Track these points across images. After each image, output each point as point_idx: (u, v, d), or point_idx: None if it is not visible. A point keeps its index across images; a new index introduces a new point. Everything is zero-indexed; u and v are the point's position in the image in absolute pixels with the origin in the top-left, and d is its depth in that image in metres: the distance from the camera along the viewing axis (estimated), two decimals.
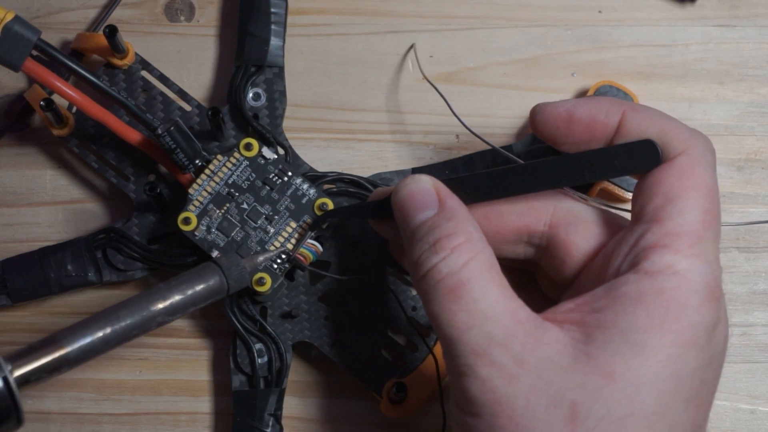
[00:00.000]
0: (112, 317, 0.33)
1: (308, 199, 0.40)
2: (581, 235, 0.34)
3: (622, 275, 0.31)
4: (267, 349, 0.40)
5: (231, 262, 0.36)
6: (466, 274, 0.31)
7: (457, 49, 0.45)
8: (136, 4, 0.46)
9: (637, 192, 0.33)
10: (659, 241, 0.31)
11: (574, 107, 0.34)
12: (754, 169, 0.44)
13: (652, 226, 0.31)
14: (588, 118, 0.34)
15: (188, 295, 0.35)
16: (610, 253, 0.32)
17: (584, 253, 0.34)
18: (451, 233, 0.32)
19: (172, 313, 0.35)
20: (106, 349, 0.33)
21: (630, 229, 0.32)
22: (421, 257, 0.32)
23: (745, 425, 0.42)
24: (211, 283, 0.35)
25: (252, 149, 0.40)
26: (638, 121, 0.33)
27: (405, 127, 0.45)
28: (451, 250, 0.32)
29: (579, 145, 0.34)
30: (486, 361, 0.30)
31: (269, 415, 0.40)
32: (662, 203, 0.31)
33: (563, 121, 0.34)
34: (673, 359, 0.29)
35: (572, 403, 0.29)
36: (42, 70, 0.38)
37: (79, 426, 0.42)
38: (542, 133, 0.35)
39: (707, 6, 0.46)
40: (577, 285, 0.34)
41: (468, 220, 0.33)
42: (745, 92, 0.45)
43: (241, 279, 0.36)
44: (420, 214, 0.33)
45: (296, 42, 0.45)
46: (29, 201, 0.44)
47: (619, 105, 0.33)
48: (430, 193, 0.34)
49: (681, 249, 0.30)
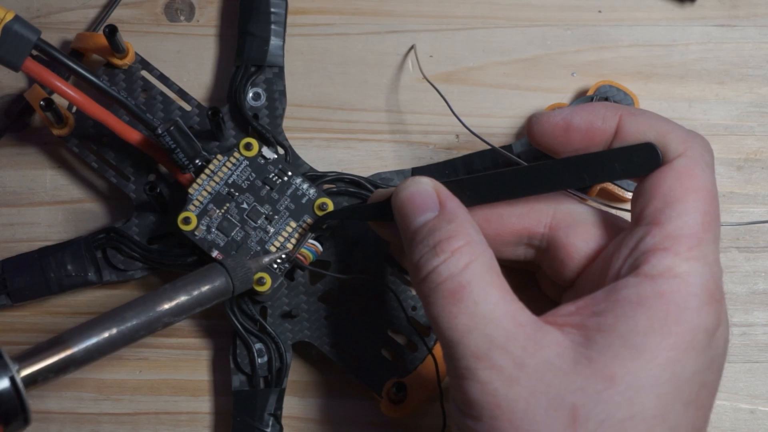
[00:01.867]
0: (118, 318, 0.34)
1: (308, 199, 0.40)
2: (581, 237, 0.34)
3: (622, 278, 0.31)
4: (267, 349, 0.40)
5: (237, 263, 0.36)
6: (466, 277, 0.31)
7: (457, 49, 0.45)
8: (136, 4, 0.46)
9: (637, 194, 0.33)
10: (659, 244, 0.30)
11: (571, 115, 0.34)
12: (753, 169, 0.44)
13: (652, 228, 0.31)
14: (586, 126, 0.33)
15: (194, 296, 0.35)
16: (610, 255, 0.32)
17: (584, 255, 0.34)
18: (451, 236, 0.32)
19: (178, 314, 0.35)
20: (112, 349, 0.33)
21: (630, 232, 0.32)
22: (421, 260, 0.32)
23: (745, 425, 0.42)
24: (217, 284, 0.36)
25: (252, 149, 0.40)
26: (636, 125, 0.33)
27: (405, 127, 0.45)
28: (451, 252, 0.32)
29: (578, 152, 0.34)
30: (486, 364, 0.30)
31: (269, 415, 0.40)
32: (662, 206, 0.31)
33: (561, 130, 0.34)
34: (673, 362, 0.29)
35: (572, 406, 0.29)
36: (42, 70, 0.38)
37: (79, 426, 0.42)
38: (540, 143, 0.35)
39: (707, 6, 0.46)
40: (578, 287, 0.34)
41: (468, 223, 0.33)
42: (745, 92, 0.45)
43: (246, 280, 0.37)
44: (420, 217, 0.33)
45: (296, 42, 0.45)
46: (29, 201, 0.44)
47: (616, 110, 0.33)
48: (430, 195, 0.34)
49: (681, 252, 0.30)
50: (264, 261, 0.38)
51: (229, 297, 0.36)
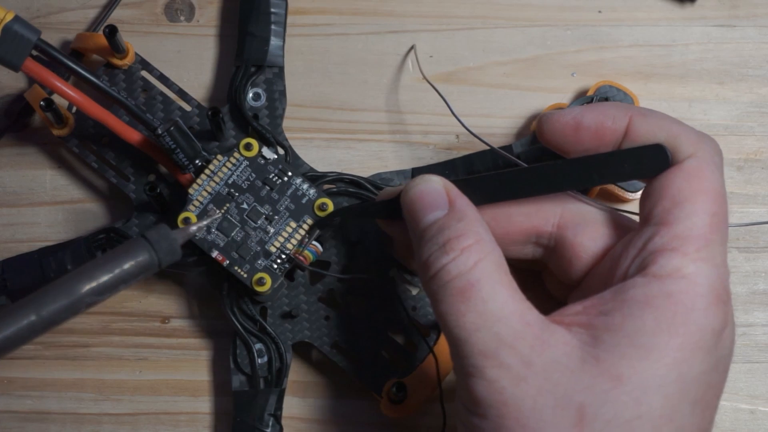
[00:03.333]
0: (37, 302, 0.32)
1: (308, 199, 0.40)
2: (589, 236, 0.34)
3: (630, 278, 0.31)
4: (267, 349, 0.40)
5: (160, 235, 0.34)
6: (475, 275, 0.31)
7: (457, 49, 0.45)
8: (136, 4, 0.46)
9: (646, 195, 0.33)
10: (667, 245, 0.31)
11: (581, 115, 0.34)
12: (754, 169, 0.44)
13: (661, 229, 0.31)
14: (596, 125, 0.34)
15: (116, 274, 0.33)
16: (618, 255, 0.32)
17: (592, 255, 0.34)
18: (460, 234, 0.32)
19: (100, 293, 0.33)
20: (33, 336, 0.32)
21: (638, 232, 0.32)
22: (430, 258, 0.32)
23: (745, 425, 0.42)
24: (140, 260, 0.34)
25: (252, 149, 0.40)
26: (646, 126, 0.33)
27: (405, 127, 0.45)
28: (460, 250, 0.32)
29: (588, 152, 0.34)
30: (494, 362, 0.30)
31: (269, 415, 0.40)
32: (670, 206, 0.31)
33: (571, 129, 0.34)
34: (680, 362, 0.29)
35: (580, 405, 0.29)
36: (42, 70, 0.38)
37: (79, 426, 0.42)
38: (550, 142, 0.35)
39: (707, 6, 0.46)
40: (585, 286, 0.35)
41: (477, 221, 0.33)
42: (745, 92, 0.45)
43: (172, 252, 0.34)
44: (430, 214, 0.33)
45: (296, 42, 0.45)
46: (29, 201, 0.44)
47: (626, 110, 0.33)
48: (440, 194, 0.34)
49: (689, 252, 0.30)
50: (191, 229, 0.36)
51: (156, 271, 0.34)
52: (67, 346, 0.43)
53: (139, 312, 0.43)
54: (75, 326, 0.43)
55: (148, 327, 0.43)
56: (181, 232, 0.35)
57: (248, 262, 0.39)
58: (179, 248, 0.35)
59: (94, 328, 0.43)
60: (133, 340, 0.43)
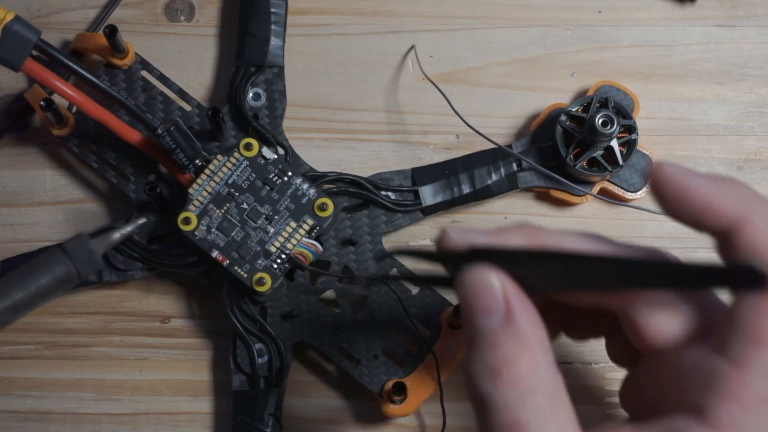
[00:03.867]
0: None
1: (308, 199, 0.40)
2: (662, 320, 0.31)
3: (683, 418, 0.28)
4: (267, 349, 0.40)
5: (78, 245, 0.32)
6: (524, 414, 0.28)
7: (457, 49, 0.45)
8: (136, 4, 0.46)
9: (733, 306, 0.29)
10: (732, 391, 0.28)
11: (697, 185, 0.29)
12: (754, 169, 0.44)
13: (730, 369, 0.28)
14: (703, 204, 0.29)
15: (32, 291, 0.31)
16: (683, 371, 0.29)
17: (662, 340, 0.31)
18: (512, 358, 0.28)
19: (15, 311, 0.31)
20: None
21: (707, 355, 0.29)
22: (477, 376, 0.29)
23: None
24: (58, 273, 0.32)
25: (252, 149, 0.40)
26: (758, 236, 0.29)
27: (405, 127, 0.45)
28: (510, 381, 0.28)
29: (690, 219, 0.30)
30: None
31: (269, 415, 0.40)
32: (749, 343, 0.28)
33: (683, 192, 0.30)
34: None
35: None
36: (42, 70, 0.38)
37: (79, 426, 0.42)
38: (664, 194, 0.30)
39: (707, 6, 0.46)
40: (646, 370, 0.32)
41: (536, 340, 0.29)
42: (745, 92, 0.45)
43: (92, 262, 0.33)
44: (483, 320, 0.29)
45: (296, 42, 0.45)
46: (29, 201, 0.44)
47: (746, 206, 0.29)
48: (496, 298, 0.29)
49: (750, 407, 0.27)
50: (113, 237, 0.34)
51: (77, 284, 0.33)
52: (67, 346, 0.43)
53: (139, 312, 0.43)
54: (75, 326, 0.43)
55: (148, 327, 0.43)
56: (102, 240, 0.33)
57: (248, 262, 0.39)
58: (100, 258, 0.33)
59: (94, 328, 0.43)
60: (133, 340, 0.43)
